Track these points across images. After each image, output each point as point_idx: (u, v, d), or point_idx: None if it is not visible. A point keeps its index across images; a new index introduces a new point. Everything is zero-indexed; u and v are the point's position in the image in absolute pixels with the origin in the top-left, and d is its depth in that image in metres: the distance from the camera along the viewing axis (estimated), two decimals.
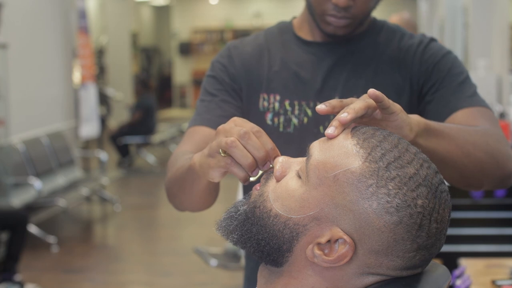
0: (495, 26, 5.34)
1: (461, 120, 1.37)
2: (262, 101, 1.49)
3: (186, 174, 1.21)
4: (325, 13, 1.40)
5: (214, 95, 1.49)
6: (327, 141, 0.91)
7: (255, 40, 1.55)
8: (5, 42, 5.78)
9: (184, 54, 17.09)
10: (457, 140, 1.24)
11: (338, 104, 0.96)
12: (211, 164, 1.04)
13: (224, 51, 1.55)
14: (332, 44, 1.48)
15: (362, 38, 1.49)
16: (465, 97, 1.40)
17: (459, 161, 1.24)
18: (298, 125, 1.46)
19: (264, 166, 0.99)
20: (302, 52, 1.50)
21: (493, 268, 2.29)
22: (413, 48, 1.47)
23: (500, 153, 1.31)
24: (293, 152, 1.07)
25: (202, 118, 1.47)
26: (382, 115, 1.01)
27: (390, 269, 0.88)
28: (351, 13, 1.38)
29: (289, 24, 1.56)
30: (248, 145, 0.98)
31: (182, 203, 1.36)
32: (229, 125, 1.02)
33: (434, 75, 1.44)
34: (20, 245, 4.60)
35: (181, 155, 1.36)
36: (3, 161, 5.52)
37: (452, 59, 1.46)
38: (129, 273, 5.10)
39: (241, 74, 1.50)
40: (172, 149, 10.34)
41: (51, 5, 7.06)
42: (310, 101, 1.46)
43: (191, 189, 1.24)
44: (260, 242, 0.92)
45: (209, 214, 1.52)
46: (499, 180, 1.33)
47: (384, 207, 0.84)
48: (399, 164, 0.86)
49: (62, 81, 7.32)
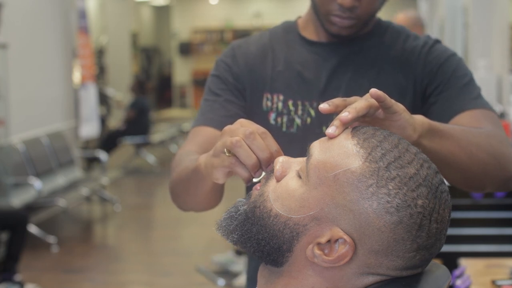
0: (495, 26, 5.34)
1: (465, 121, 1.37)
2: (266, 100, 1.48)
3: (192, 175, 1.21)
4: (330, 13, 1.40)
5: (218, 95, 1.49)
6: (328, 141, 0.91)
7: (260, 39, 1.55)
8: (5, 42, 5.78)
9: (184, 54, 17.08)
10: (460, 141, 1.24)
11: (341, 103, 0.96)
12: (215, 163, 1.04)
13: (228, 50, 1.55)
14: (336, 44, 1.48)
15: (367, 39, 1.49)
16: (469, 99, 1.40)
17: (462, 162, 1.24)
18: (301, 125, 1.46)
19: (268, 167, 0.99)
20: (306, 52, 1.49)
21: (493, 268, 2.29)
22: (417, 50, 1.47)
23: (503, 155, 1.31)
24: (296, 152, 1.07)
25: (206, 118, 1.47)
26: (385, 114, 1.01)
27: (390, 269, 0.88)
28: (356, 14, 1.38)
29: (294, 24, 1.56)
30: (253, 146, 0.98)
31: (186, 204, 1.36)
32: (235, 126, 1.02)
33: (438, 76, 1.44)
34: (20, 245, 4.60)
35: (185, 156, 1.36)
36: (3, 161, 5.52)
37: (456, 61, 1.46)
38: (129, 273, 5.11)
39: (245, 74, 1.50)
40: (172, 149, 10.34)
41: (51, 5, 7.06)
42: (313, 101, 1.45)
43: (196, 190, 1.24)
44: (260, 242, 0.92)
45: (209, 214, 1.52)
46: (502, 182, 1.33)
47: (384, 207, 0.84)
48: (399, 164, 0.86)
49: (62, 81, 7.32)
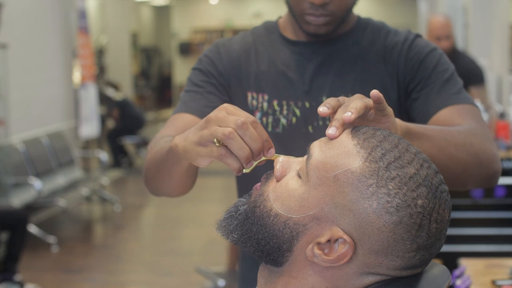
0: (495, 26, 5.34)
1: (447, 118, 1.37)
2: (251, 99, 1.48)
3: (166, 156, 1.18)
4: (304, 12, 1.40)
5: (200, 86, 1.48)
6: (328, 141, 0.91)
7: (243, 39, 1.55)
8: (5, 42, 5.78)
9: (184, 54, 17.09)
10: (439, 142, 1.24)
11: (337, 104, 0.96)
12: (201, 153, 1.01)
13: (212, 47, 1.55)
14: (318, 44, 1.48)
15: (347, 37, 1.49)
16: (450, 94, 1.40)
17: (441, 163, 1.23)
18: (287, 125, 1.46)
19: (257, 157, 0.97)
20: (289, 52, 1.50)
21: (493, 268, 2.29)
22: (398, 46, 1.46)
23: (484, 153, 1.30)
24: (282, 152, 1.06)
25: (187, 106, 1.45)
26: (374, 116, 1.00)
27: (390, 269, 0.88)
28: (329, 10, 1.38)
29: (275, 24, 1.56)
30: (245, 137, 0.95)
31: (159, 186, 1.33)
32: (221, 114, 0.98)
33: (419, 72, 1.43)
34: (20, 245, 4.60)
35: (160, 139, 1.33)
36: (3, 161, 5.52)
37: (437, 56, 1.45)
38: (129, 273, 5.11)
39: (229, 71, 1.50)
40: None
41: (51, 5, 7.06)
42: (298, 101, 1.46)
43: (170, 172, 1.22)
44: (260, 241, 0.92)
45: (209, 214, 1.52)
46: (485, 180, 1.33)
47: (384, 207, 0.84)
48: (399, 164, 0.86)
49: (62, 81, 7.32)
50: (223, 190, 7.88)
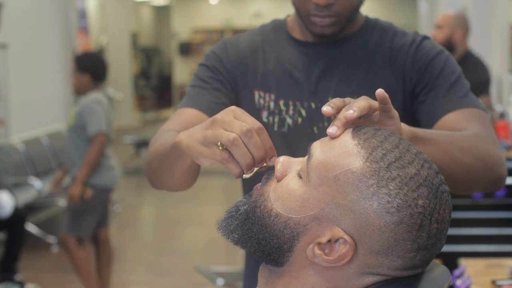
0: (495, 26, 5.34)
1: (453, 122, 1.36)
2: (258, 98, 1.48)
3: (170, 151, 1.18)
4: (309, 13, 1.40)
5: (206, 82, 1.48)
6: (328, 141, 0.91)
7: (251, 37, 1.55)
8: (5, 42, 5.78)
9: (184, 54, 17.08)
10: (444, 147, 1.24)
11: (342, 104, 0.96)
12: (204, 153, 1.01)
13: (220, 44, 1.54)
14: (325, 44, 1.48)
15: (355, 38, 1.48)
16: (457, 98, 1.39)
17: (446, 167, 1.23)
18: (292, 125, 1.46)
19: (259, 164, 0.97)
20: (296, 52, 1.49)
21: (493, 268, 2.29)
22: (405, 47, 1.46)
23: (490, 157, 1.30)
24: (287, 153, 1.06)
25: (193, 101, 1.44)
26: (379, 118, 1.00)
27: (390, 269, 0.88)
28: (334, 11, 1.38)
29: (283, 23, 1.56)
30: (249, 144, 0.96)
31: (160, 179, 1.33)
32: (228, 117, 0.98)
33: (426, 75, 1.43)
34: (19, 245, 4.60)
35: (164, 133, 1.33)
36: (3, 161, 5.52)
37: (444, 58, 1.44)
38: (129, 273, 5.10)
39: (236, 69, 1.50)
40: None
41: (51, 5, 7.07)
42: (304, 102, 1.45)
43: (173, 166, 1.21)
44: (260, 241, 0.92)
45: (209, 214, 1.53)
46: (490, 183, 1.32)
47: (384, 207, 0.85)
48: (400, 164, 0.86)
49: (62, 81, 7.32)
50: (223, 190, 7.87)
